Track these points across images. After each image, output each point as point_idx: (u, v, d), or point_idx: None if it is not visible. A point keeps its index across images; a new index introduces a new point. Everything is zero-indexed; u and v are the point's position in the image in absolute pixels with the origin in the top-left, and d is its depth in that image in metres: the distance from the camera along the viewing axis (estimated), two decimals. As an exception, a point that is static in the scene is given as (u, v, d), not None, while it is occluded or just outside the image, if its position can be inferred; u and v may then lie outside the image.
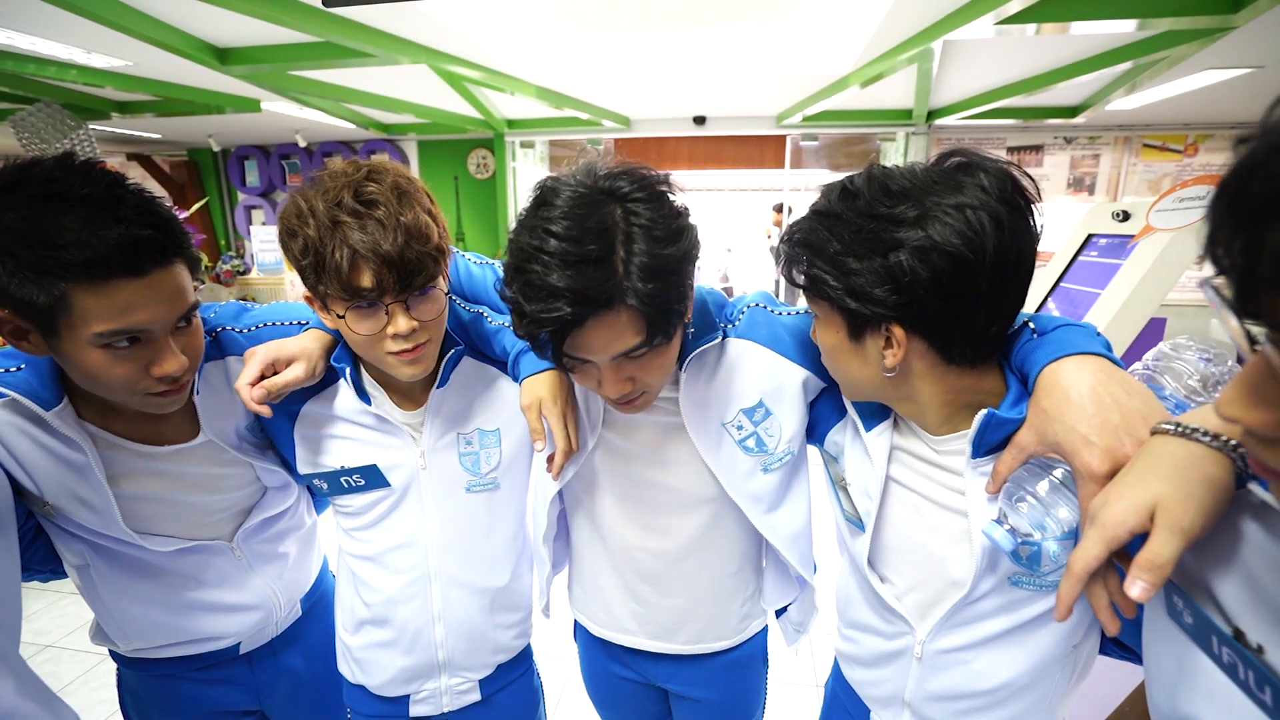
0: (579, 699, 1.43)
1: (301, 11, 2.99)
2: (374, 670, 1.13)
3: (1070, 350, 0.70)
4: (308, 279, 0.87)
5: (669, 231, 0.77)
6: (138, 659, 1.09)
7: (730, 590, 1.10)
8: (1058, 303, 2.59)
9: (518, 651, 1.21)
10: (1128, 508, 0.54)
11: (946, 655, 0.83)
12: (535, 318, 0.75)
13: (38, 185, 0.73)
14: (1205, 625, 0.54)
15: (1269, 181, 0.33)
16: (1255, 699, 0.49)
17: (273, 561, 1.14)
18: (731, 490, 0.99)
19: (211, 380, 1.01)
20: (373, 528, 1.08)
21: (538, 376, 0.98)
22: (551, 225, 0.74)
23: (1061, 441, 0.65)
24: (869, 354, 0.75)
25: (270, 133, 6.79)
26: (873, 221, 0.69)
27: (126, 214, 0.76)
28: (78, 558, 0.97)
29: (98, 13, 2.82)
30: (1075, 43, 3.91)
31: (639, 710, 1.25)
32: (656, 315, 0.77)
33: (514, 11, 3.27)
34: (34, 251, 0.71)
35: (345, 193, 0.84)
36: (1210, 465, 0.54)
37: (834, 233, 0.71)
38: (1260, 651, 0.49)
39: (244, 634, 1.12)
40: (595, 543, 1.11)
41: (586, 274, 0.72)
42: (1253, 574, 0.52)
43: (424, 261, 0.86)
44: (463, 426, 1.07)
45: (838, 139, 7.99)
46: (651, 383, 0.87)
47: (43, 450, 0.87)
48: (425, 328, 0.91)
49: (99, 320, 0.76)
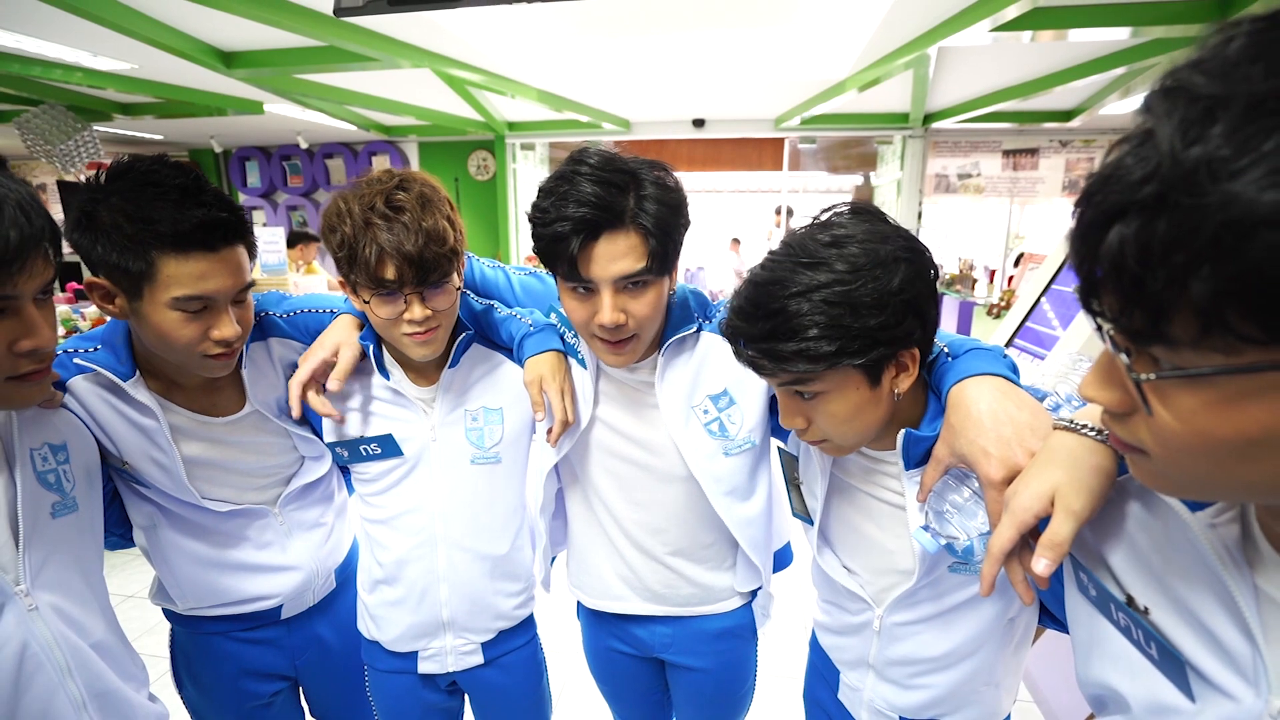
0: (586, 686, 1.47)
1: (306, 16, 3.03)
2: (386, 626, 1.23)
3: (974, 372, 0.79)
4: (341, 268, 1.03)
5: (670, 186, 0.97)
6: (191, 617, 1.21)
7: (707, 559, 1.19)
8: (1052, 303, 2.63)
9: (519, 621, 1.30)
10: (1032, 495, 0.63)
11: (901, 628, 0.94)
12: (562, 218, 0.90)
13: (139, 175, 0.91)
14: (1104, 595, 0.63)
15: (1099, 205, 0.40)
16: (1145, 654, 0.58)
17: (310, 529, 1.27)
18: (694, 468, 1.09)
19: (256, 358, 1.15)
20: (386, 493, 1.20)
21: (540, 356, 1.10)
22: (587, 159, 0.94)
23: (966, 454, 0.74)
24: (884, 393, 0.79)
25: (272, 134, 6.82)
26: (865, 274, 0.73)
27: (208, 200, 0.93)
28: (146, 519, 1.13)
29: (105, 17, 2.86)
30: (1070, 48, 3.97)
31: (638, 684, 1.34)
32: (657, 244, 0.93)
33: (515, 16, 3.32)
34: (135, 225, 0.88)
35: (378, 199, 0.98)
36: (1097, 456, 0.62)
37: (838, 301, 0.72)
38: (1146, 613, 0.58)
39: (286, 595, 1.24)
40: (589, 516, 1.22)
41: (610, 192, 0.91)
42: (1137, 547, 0.61)
43: (440, 260, 1.00)
44: (470, 404, 1.18)
45: (835, 142, 8.05)
46: (642, 320, 0.98)
47: (121, 417, 1.03)
48: (437, 315, 1.04)
49: (178, 285, 0.91)
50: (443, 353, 1.12)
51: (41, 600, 0.83)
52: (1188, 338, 0.38)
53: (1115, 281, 0.40)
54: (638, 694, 1.35)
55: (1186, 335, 0.38)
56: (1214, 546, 0.52)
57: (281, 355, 1.19)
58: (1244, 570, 0.51)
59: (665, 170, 0.99)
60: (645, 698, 1.35)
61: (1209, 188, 0.34)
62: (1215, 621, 0.53)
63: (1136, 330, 0.40)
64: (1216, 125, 0.34)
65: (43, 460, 0.89)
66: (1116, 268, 0.39)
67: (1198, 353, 0.38)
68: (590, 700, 1.57)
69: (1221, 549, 0.52)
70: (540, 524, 1.23)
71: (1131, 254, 0.37)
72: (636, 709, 1.37)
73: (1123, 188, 0.38)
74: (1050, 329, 2.50)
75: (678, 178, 1.00)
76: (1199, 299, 0.35)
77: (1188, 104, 0.36)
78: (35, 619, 0.82)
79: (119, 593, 2.89)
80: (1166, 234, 0.36)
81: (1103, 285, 0.41)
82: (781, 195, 8.04)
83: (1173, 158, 0.35)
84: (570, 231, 0.90)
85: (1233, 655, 0.51)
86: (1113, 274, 0.39)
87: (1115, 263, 0.39)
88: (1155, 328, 0.39)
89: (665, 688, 1.35)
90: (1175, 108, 0.36)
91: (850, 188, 8.69)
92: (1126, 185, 0.38)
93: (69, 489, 0.91)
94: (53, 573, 0.86)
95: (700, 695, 1.29)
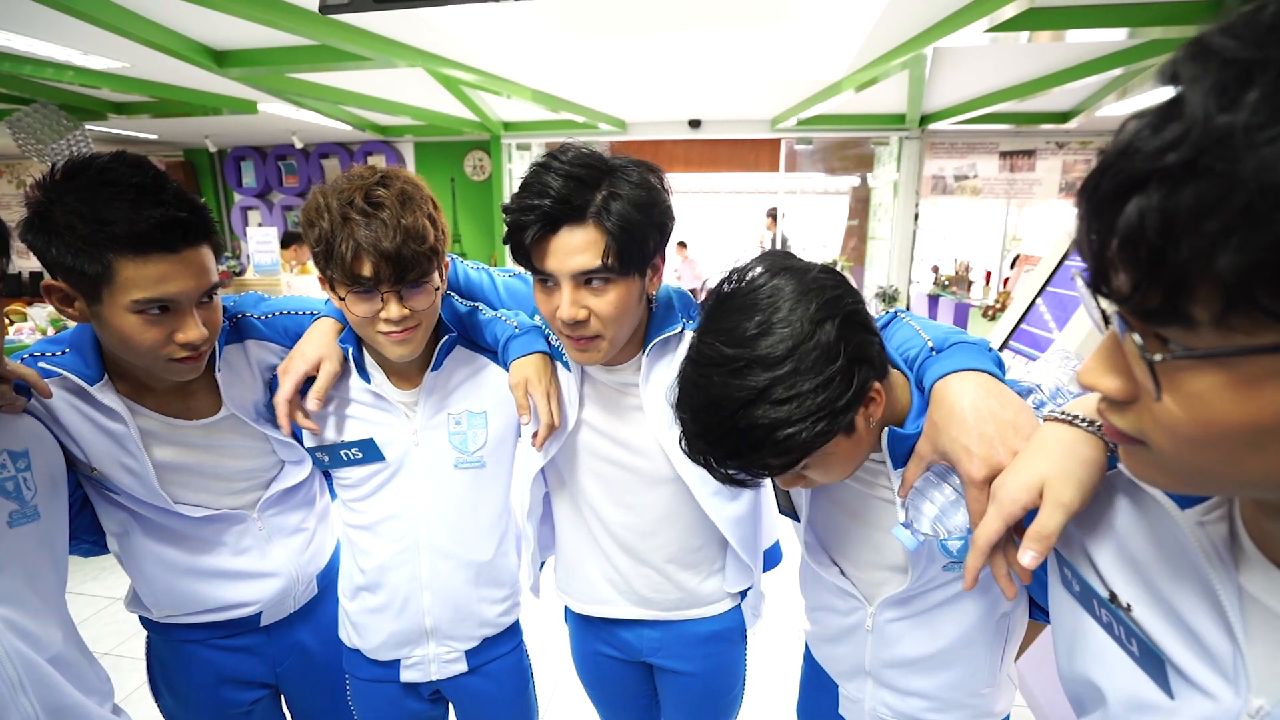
0: (574, 693, 1.46)
1: (297, 15, 3.01)
2: (368, 634, 1.21)
3: (958, 367, 0.77)
4: (319, 263, 1.00)
5: (646, 188, 0.94)
6: (167, 624, 1.18)
7: (696, 563, 1.18)
8: (1048, 304, 2.62)
9: (504, 628, 1.27)
10: (1020, 486, 0.62)
11: (893, 625, 0.93)
12: (523, 206, 0.91)
13: (95, 174, 0.87)
14: (1088, 591, 0.62)
15: (1116, 177, 0.38)
16: (1126, 650, 0.58)
17: (291, 535, 1.23)
18: (681, 469, 1.07)
19: (232, 361, 1.13)
20: (368, 499, 1.17)
21: (525, 359, 1.08)
22: (561, 155, 0.93)
23: (948, 451, 0.72)
24: (862, 432, 0.76)
25: (266, 134, 6.80)
26: (802, 354, 0.69)
27: (167, 199, 0.89)
28: (119, 526, 1.09)
29: (96, 15, 2.84)
30: (1067, 49, 3.96)
31: (626, 689, 1.32)
32: (616, 244, 0.91)
33: (510, 16, 3.30)
34: (89, 226, 0.84)
35: (357, 194, 0.96)
36: (1087, 447, 0.61)
37: (790, 399, 0.68)
38: (1129, 610, 0.57)
39: (266, 602, 1.20)
40: (576, 520, 1.20)
41: (572, 185, 0.90)
42: (1123, 543, 0.60)
43: (418, 259, 0.98)
44: (453, 407, 1.16)
45: (832, 143, 8.04)
46: (605, 320, 0.96)
47: (89, 422, 1.00)
48: (415, 315, 1.02)
49: (137, 288, 0.88)
50: (425, 355, 1.10)
51: None
52: (1208, 316, 0.36)
53: (1131, 257, 0.38)
54: (626, 699, 1.33)
55: (1207, 313, 0.35)
56: (1201, 544, 0.51)
57: (259, 358, 1.16)
58: (1230, 569, 0.50)
59: (654, 173, 0.97)
60: (633, 702, 1.33)
61: (1244, 153, 0.32)
62: (1197, 619, 0.52)
63: (1151, 310, 0.38)
64: (1252, 90, 0.32)
65: (0, 468, 0.86)
66: (1134, 241, 0.37)
67: (1217, 332, 0.36)
68: (578, 707, 1.55)
69: (1209, 547, 0.51)
70: (528, 529, 1.21)
71: (1153, 225, 0.35)
72: (624, 714, 1.35)
73: (1144, 156, 0.36)
74: (1046, 331, 2.49)
75: (665, 182, 0.98)
76: (1226, 273, 0.33)
77: (1221, 68, 0.34)
78: None
79: (105, 596, 2.86)
80: (1194, 202, 0.34)
81: (1116, 262, 0.39)
82: (778, 197, 8.02)
83: (1205, 123, 0.33)
84: (529, 222, 0.91)
85: (1213, 654, 0.51)
86: (1129, 249, 0.37)
87: (1133, 236, 0.37)
88: (1174, 306, 0.37)
89: (653, 692, 1.33)
90: (1207, 72, 0.34)
91: (847, 189, 8.68)
92: (1148, 154, 0.36)
93: (29, 497, 0.89)
94: (6, 585, 0.83)
95: (688, 699, 1.27)
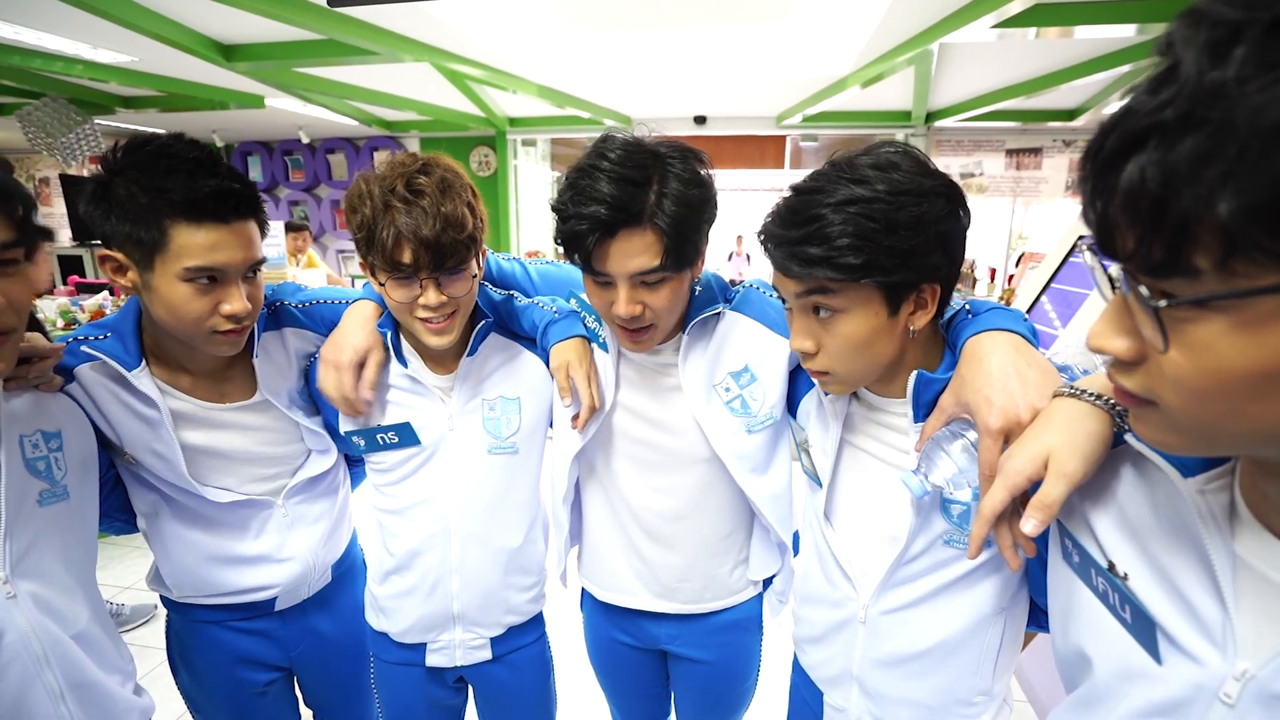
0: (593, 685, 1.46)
1: (306, 9, 3.02)
2: (396, 617, 1.22)
3: (991, 327, 0.80)
4: (361, 249, 1.03)
5: (696, 184, 0.96)
6: (185, 604, 1.21)
7: (724, 550, 1.19)
8: (1052, 301, 2.62)
9: (530, 616, 1.29)
10: (1026, 457, 0.64)
11: (888, 616, 0.91)
12: (579, 215, 0.91)
13: (155, 149, 0.93)
14: (1086, 560, 0.64)
15: (1118, 139, 0.40)
16: (1119, 618, 0.60)
17: (313, 523, 1.26)
18: (718, 447, 1.08)
19: (269, 348, 1.16)
20: (402, 483, 1.19)
21: (565, 343, 1.10)
22: (608, 153, 0.93)
23: (970, 401, 0.74)
24: (899, 325, 0.80)
25: (273, 129, 6.83)
26: (905, 198, 0.74)
27: (222, 172, 0.95)
28: (149, 507, 1.13)
29: (105, 9, 2.85)
30: (1074, 46, 3.94)
31: (639, 676, 1.32)
32: (673, 243, 0.93)
33: (516, 11, 3.31)
34: (149, 195, 0.90)
35: (399, 182, 0.98)
36: (1094, 421, 0.63)
37: (874, 216, 0.74)
38: (1125, 578, 0.60)
39: (282, 586, 1.22)
40: (605, 507, 1.20)
41: (627, 190, 0.90)
42: (1124, 511, 0.62)
43: (457, 247, 1.00)
44: (487, 393, 1.18)
45: (837, 139, 8.01)
46: (660, 312, 0.98)
47: (124, 407, 1.04)
48: (453, 302, 1.04)
49: (189, 255, 0.93)
50: (461, 341, 1.12)
51: (21, 589, 0.83)
52: (1210, 263, 0.37)
53: (1134, 213, 0.40)
54: (639, 687, 1.34)
55: (1209, 260, 0.37)
56: (1200, 511, 0.53)
57: (297, 347, 1.19)
58: (1226, 536, 0.52)
59: (700, 160, 0.98)
60: (646, 691, 1.34)
61: (1237, 102, 0.34)
62: (1190, 586, 0.54)
63: (1155, 264, 0.40)
64: (1240, 46, 0.35)
65: (33, 447, 0.89)
66: (1135, 196, 0.39)
67: (1220, 278, 0.38)
68: (596, 701, 1.55)
69: (1208, 514, 0.53)
70: (562, 514, 1.22)
71: (1154, 178, 0.37)
72: (636, 702, 1.36)
73: (1142, 115, 0.38)
74: (1051, 328, 2.49)
75: (709, 168, 1.00)
76: (1226, 217, 0.35)
77: (1211, 28, 0.36)
78: (14, 607, 0.81)
79: (115, 584, 2.90)
80: (1192, 152, 0.36)
81: (1119, 221, 0.41)
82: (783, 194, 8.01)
83: (1199, 78, 0.36)
84: (587, 230, 0.91)
85: (1203, 620, 0.52)
86: (1131, 205, 0.39)
87: (1134, 191, 0.39)
88: (1176, 257, 0.39)
89: (666, 680, 1.34)
90: (1198, 34, 0.37)
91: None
92: (1146, 113, 0.38)
93: (60, 477, 0.91)
94: (35, 561, 0.86)
95: (701, 687, 1.28)
